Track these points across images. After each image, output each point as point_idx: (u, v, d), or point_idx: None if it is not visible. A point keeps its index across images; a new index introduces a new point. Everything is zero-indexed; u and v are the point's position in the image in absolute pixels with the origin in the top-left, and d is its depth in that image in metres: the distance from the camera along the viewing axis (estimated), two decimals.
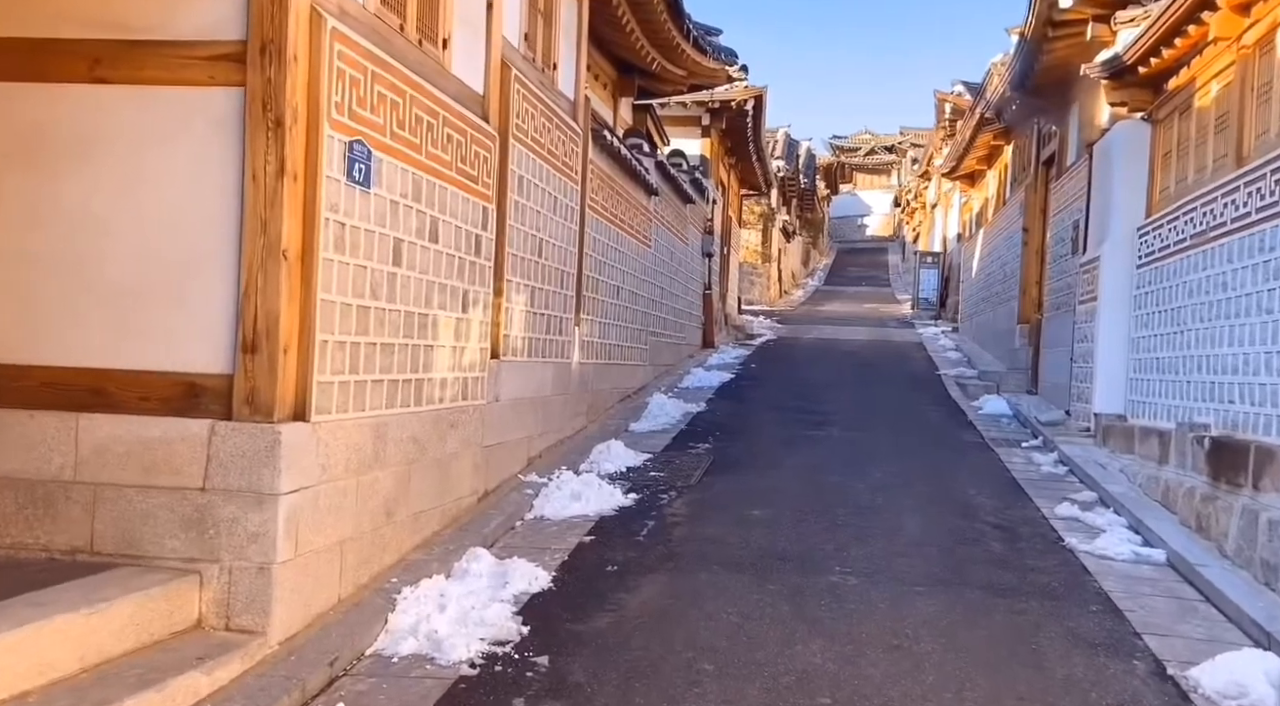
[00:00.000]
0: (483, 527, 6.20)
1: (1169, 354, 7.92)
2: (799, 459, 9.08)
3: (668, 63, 13.69)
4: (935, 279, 29.42)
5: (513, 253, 7.28)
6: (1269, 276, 6.05)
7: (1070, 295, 11.45)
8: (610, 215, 10.44)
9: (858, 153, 71.71)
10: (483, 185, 6.52)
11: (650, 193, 12.42)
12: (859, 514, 7.13)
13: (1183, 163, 8.43)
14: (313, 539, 4.49)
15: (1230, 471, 6.13)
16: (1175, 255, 7.93)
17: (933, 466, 8.95)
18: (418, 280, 5.58)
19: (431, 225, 5.74)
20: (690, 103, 18.07)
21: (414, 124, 5.45)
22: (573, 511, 6.91)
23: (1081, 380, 9.99)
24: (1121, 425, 8.88)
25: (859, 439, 10.15)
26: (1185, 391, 7.46)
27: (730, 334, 20.35)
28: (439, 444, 5.97)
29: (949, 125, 28.01)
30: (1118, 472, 8.17)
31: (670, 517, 6.95)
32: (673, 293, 14.46)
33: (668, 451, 9.24)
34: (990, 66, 15.51)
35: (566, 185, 8.56)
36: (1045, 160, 14.49)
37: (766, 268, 32.97)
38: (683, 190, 14.68)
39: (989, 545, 6.45)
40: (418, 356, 5.62)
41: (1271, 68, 6.67)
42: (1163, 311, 8.17)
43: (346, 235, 4.77)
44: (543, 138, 7.83)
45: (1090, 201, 10.46)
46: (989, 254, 19.19)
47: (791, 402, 12.43)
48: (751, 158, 22.00)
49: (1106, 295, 9.39)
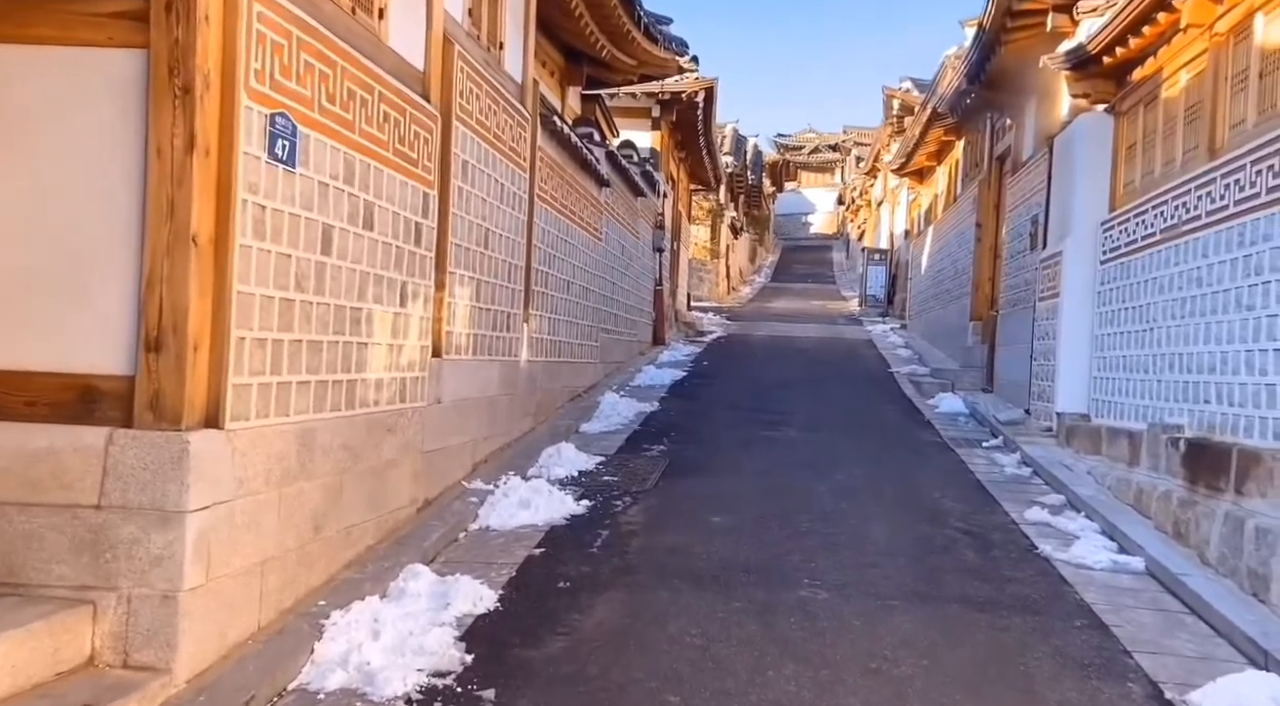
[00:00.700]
0: (423, 541, 5.72)
1: (1137, 352, 7.69)
2: (758, 461, 8.71)
3: (618, 51, 13.26)
4: (883, 276, 29.38)
5: (456, 243, 6.79)
6: (1249, 271, 5.80)
7: (1028, 291, 11.26)
8: (560, 206, 9.98)
9: (802, 151, 72.31)
10: (423, 169, 6.03)
11: (601, 184, 11.97)
12: (824, 520, 6.77)
13: (1149, 155, 8.22)
14: (227, 560, 3.98)
15: (1209, 475, 5.87)
16: (1143, 250, 7.70)
17: (895, 468, 8.64)
18: (350, 271, 5.08)
19: (366, 210, 5.24)
20: (640, 94, 17.66)
21: (346, 98, 4.95)
22: (521, 521, 6.45)
23: (1042, 378, 9.76)
24: (1086, 425, 8.66)
25: (817, 440, 9.82)
26: (1156, 391, 7.23)
27: (681, 331, 19.98)
28: (374, 450, 5.48)
29: (897, 121, 27.99)
30: (1085, 474, 7.93)
31: (626, 526, 6.52)
32: (624, 288, 14.03)
33: (621, 454, 8.81)
34: (944, 59, 15.32)
35: (514, 172, 8.08)
36: (999, 155, 14.32)
37: (715, 264, 32.68)
38: (634, 182, 14.25)
39: (961, 553, 6.13)
40: (350, 355, 5.12)
41: (1248, 55, 6.44)
42: (1129, 308, 7.95)
43: (268, 219, 4.26)
44: (489, 120, 7.35)
45: (1050, 196, 10.24)
46: (939, 250, 19.07)
47: (746, 401, 12.08)
48: (702, 152, 21.63)
49: (1069, 291, 9.16)
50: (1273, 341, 5.46)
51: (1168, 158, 7.77)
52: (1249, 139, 6.15)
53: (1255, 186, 5.79)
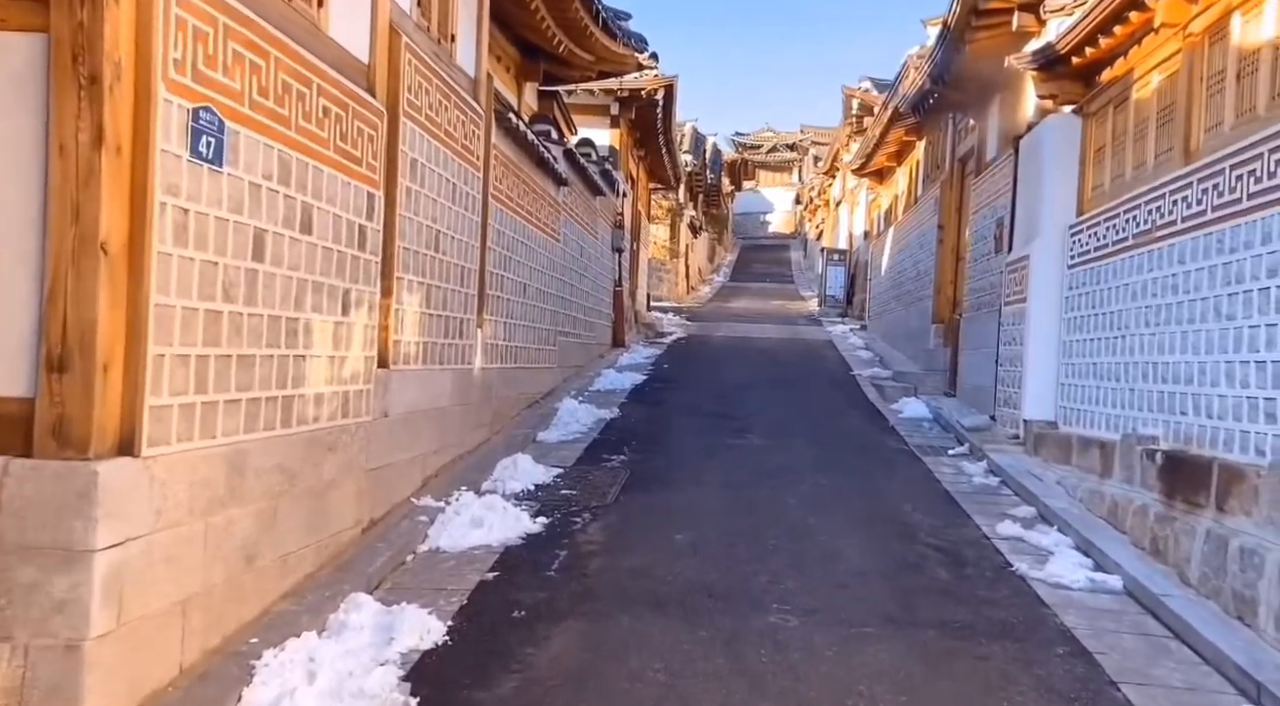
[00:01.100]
0: (366, 566, 5.34)
1: (1109, 359, 7.51)
2: (722, 471, 8.42)
3: (575, 46, 12.90)
4: (842, 276, 29.30)
5: (404, 246, 6.42)
6: (1229, 279, 5.61)
7: (993, 295, 11.09)
8: (516, 206, 9.61)
9: (760, 150, 72.39)
10: (368, 168, 5.66)
11: (559, 183, 11.61)
12: (792, 536, 6.49)
13: (1119, 158, 8.05)
14: (144, 601, 3.60)
15: (1188, 490, 5.68)
16: (1115, 255, 7.52)
17: (861, 478, 8.40)
18: (286, 279, 4.70)
19: (304, 213, 4.86)
20: (598, 91, 17.30)
21: (281, 92, 4.57)
22: (473, 541, 6.10)
23: (1008, 384, 9.59)
24: (1054, 433, 8.48)
25: (782, 447, 9.56)
26: (1128, 400, 7.04)
27: (640, 332, 19.67)
28: (314, 471, 5.10)
29: (856, 121, 27.88)
30: (1055, 485, 7.74)
31: (585, 546, 6.19)
32: (582, 290, 13.68)
33: (580, 465, 8.48)
34: (906, 59, 15.15)
35: (467, 171, 7.71)
36: (961, 156, 14.18)
37: (675, 263, 32.41)
38: (592, 181, 13.90)
39: (934, 572, 5.88)
40: (286, 369, 4.74)
41: (1224, 56, 6.26)
42: (1100, 314, 7.77)
43: (191, 224, 3.88)
44: (439, 117, 6.97)
45: (1016, 198, 10.07)
46: (899, 252, 18.95)
47: (708, 406, 11.80)
48: (661, 150, 21.33)
49: (1036, 296, 8.98)
50: (1255, 353, 5.26)
51: (1139, 161, 7.59)
52: (1227, 142, 5.96)
53: (1235, 192, 5.60)
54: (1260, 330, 5.22)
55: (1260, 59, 5.77)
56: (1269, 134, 5.26)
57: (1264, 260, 5.22)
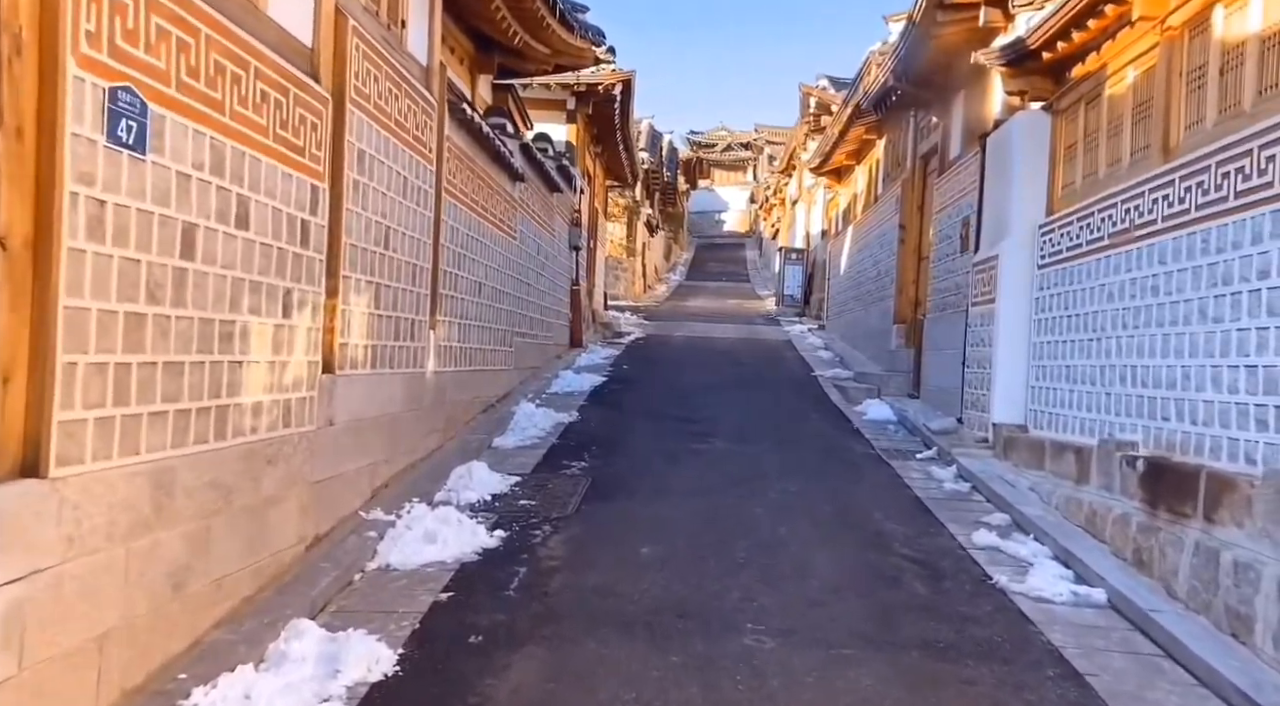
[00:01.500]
0: (310, 587, 4.95)
1: (1082, 362, 7.32)
2: (686, 478, 8.12)
3: (531, 38, 12.51)
4: (800, 276, 29.18)
5: (352, 243, 6.02)
6: (1215, 281, 5.42)
7: (958, 295, 10.92)
8: (471, 202, 9.22)
9: (715, 149, 72.48)
10: (311, 158, 5.26)
11: (515, 178, 11.23)
12: (762, 549, 6.20)
13: (1091, 156, 7.87)
14: (52, 640, 3.20)
15: (1173, 499, 5.48)
16: (1089, 255, 7.34)
17: (830, 484, 8.15)
18: (219, 278, 4.30)
19: (240, 206, 4.46)
20: (555, 85, 16.90)
21: (213, 74, 4.17)
22: (426, 557, 5.73)
23: (976, 387, 9.40)
24: (1025, 437, 8.29)
25: (746, 452, 9.28)
26: (1104, 404, 6.86)
27: (598, 332, 19.32)
28: (252, 486, 4.70)
29: (814, 119, 27.81)
30: (1028, 491, 7.55)
31: (546, 561, 5.85)
32: (539, 289, 13.30)
33: (539, 472, 8.12)
34: (868, 55, 14.98)
35: (419, 164, 7.32)
36: (923, 154, 14.03)
37: (631, 262, 32.09)
38: (549, 177, 13.53)
39: (912, 586, 5.62)
40: (220, 377, 4.34)
41: (1206, 50, 6.08)
42: (1074, 315, 7.58)
43: (109, 217, 3.48)
44: (389, 106, 6.58)
45: (983, 197, 9.89)
46: (859, 251, 18.81)
47: (670, 409, 11.49)
48: (618, 147, 20.99)
49: (1006, 297, 8.80)
50: (1244, 357, 5.07)
51: (1113, 158, 7.42)
52: (1210, 139, 5.78)
53: (1221, 190, 5.41)
54: (1250, 334, 5.03)
55: (1245, 53, 5.59)
56: (1258, 130, 5.07)
57: (1254, 261, 5.02)
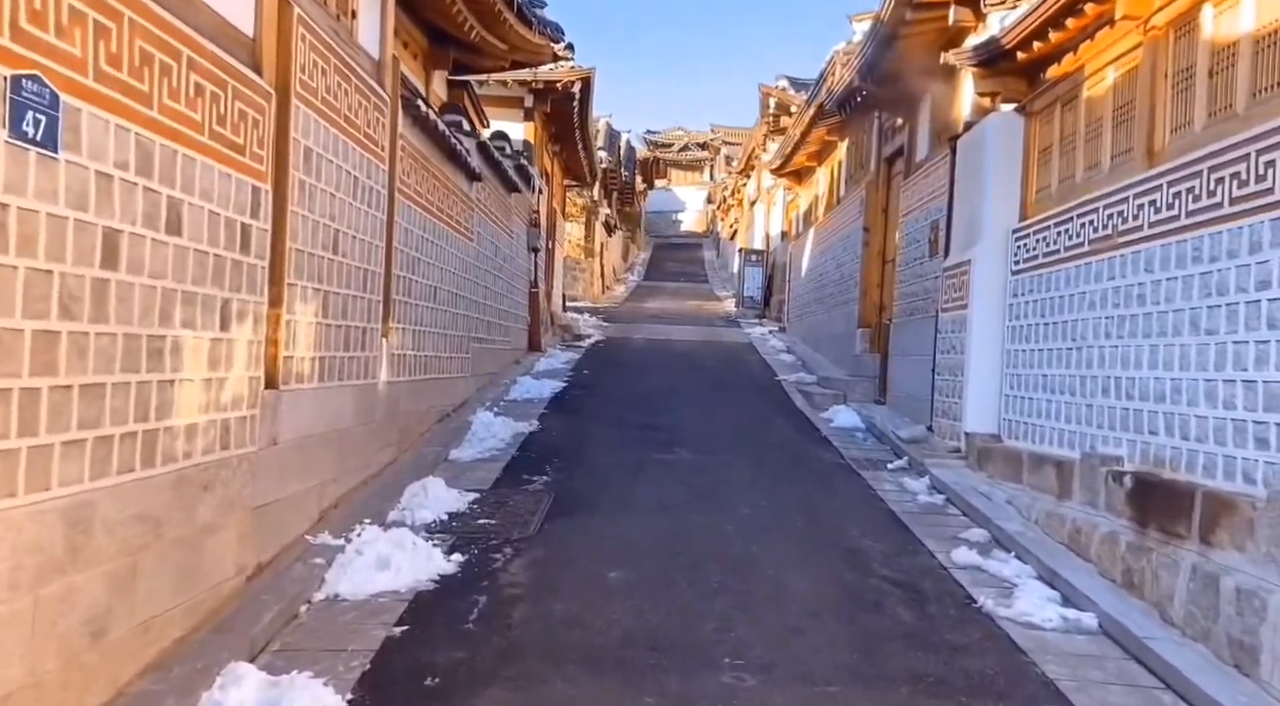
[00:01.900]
0: (250, 625, 4.54)
1: (1061, 372, 7.11)
2: (653, 493, 7.78)
3: (488, 33, 12.10)
4: (760, 277, 28.98)
5: (297, 248, 5.60)
6: (1209, 291, 5.20)
7: (926, 301, 10.71)
8: (426, 202, 8.81)
9: (671, 148, 72.38)
10: (252, 157, 4.85)
11: (472, 178, 10.82)
12: (736, 571, 5.89)
13: (1068, 159, 7.67)
14: None
15: (1164, 518, 5.26)
16: (1068, 261, 7.13)
17: (801, 497, 7.86)
18: (147, 289, 3.89)
19: (171, 210, 4.05)
20: (512, 82, 16.48)
21: (138, 63, 3.76)
22: (378, 586, 5.33)
23: (947, 394, 9.18)
24: (999, 447, 8.08)
25: (714, 463, 8.97)
26: (1086, 415, 6.64)
27: (557, 335, 18.92)
28: (185, 516, 4.28)
29: (773, 120, 27.62)
30: (1006, 505, 7.32)
31: (507, 589, 5.48)
32: (497, 292, 12.89)
33: (499, 488, 7.74)
34: (832, 55, 14.76)
35: (370, 164, 6.90)
36: (888, 157, 13.83)
37: (590, 263, 31.70)
38: (507, 177, 13.13)
39: (895, 612, 5.34)
40: (148, 399, 3.92)
41: (1194, 50, 5.87)
42: (1051, 323, 7.37)
43: (12, 223, 3.07)
44: (338, 101, 6.17)
45: (953, 200, 9.68)
46: (821, 253, 18.61)
47: (632, 417, 11.15)
48: (577, 146, 20.60)
49: (978, 303, 8.58)
50: (1242, 372, 4.85)
51: (1092, 162, 7.21)
52: (1199, 143, 5.57)
53: (1215, 196, 5.19)
54: (1248, 347, 4.81)
55: (1237, 54, 5.38)
56: (1256, 134, 4.85)
57: (1253, 271, 4.80)
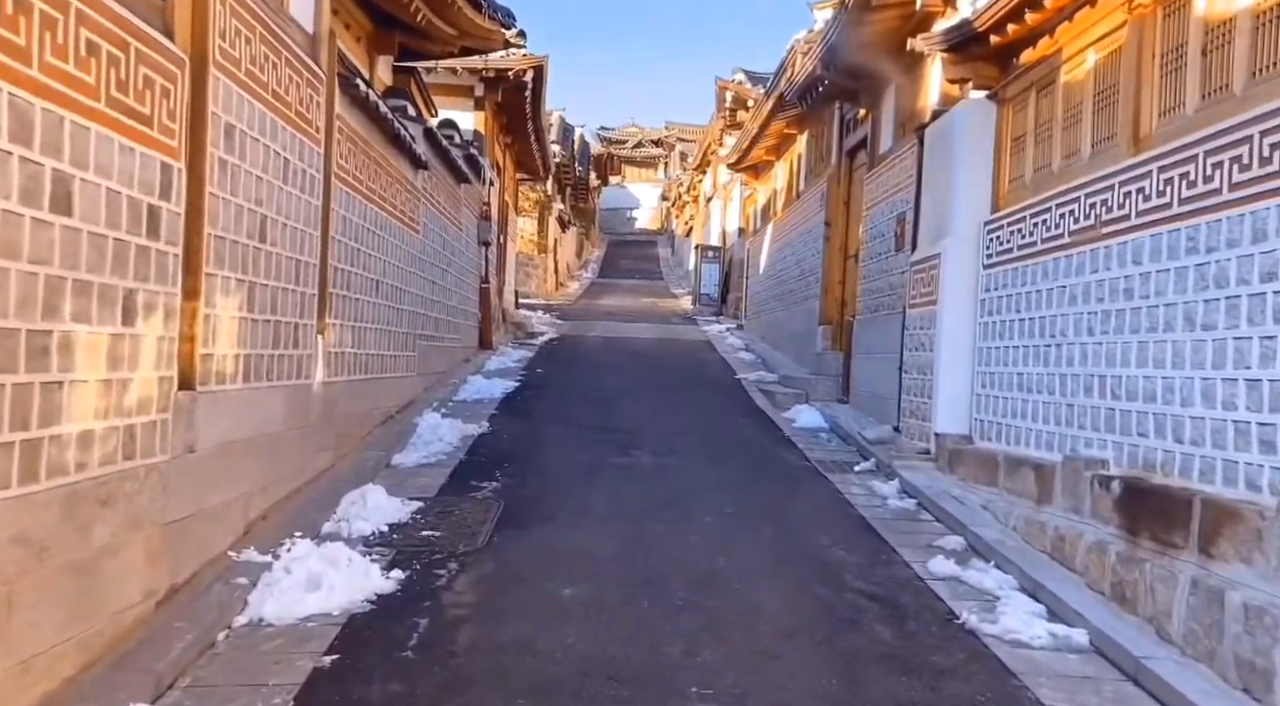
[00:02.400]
0: (157, 657, 4.01)
1: (1039, 369, 6.78)
2: (610, 499, 7.32)
3: (436, 17, 11.56)
4: (717, 274, 28.64)
5: (218, 234, 5.06)
6: (1207, 283, 4.87)
7: (892, 297, 10.38)
8: (367, 190, 8.26)
9: (625, 145, 72.17)
10: (162, 130, 4.31)
11: (418, 166, 10.27)
12: (702, 586, 5.45)
13: (1044, 147, 7.35)
14: None
15: (1158, 527, 4.92)
16: (1045, 254, 6.80)
17: (767, 503, 7.46)
18: (26, 277, 3.35)
19: (58, 186, 3.51)
20: (462, 70, 15.91)
21: (12, 13, 3.23)
22: (309, 608, 4.82)
23: (915, 394, 8.84)
24: (972, 449, 7.74)
25: (674, 466, 8.54)
26: (1066, 416, 6.31)
27: (509, 332, 18.38)
28: (78, 536, 3.74)
29: (730, 114, 27.32)
30: (981, 510, 6.98)
31: (452, 610, 4.99)
32: (446, 287, 12.34)
33: (444, 495, 7.22)
34: (792, 44, 14.40)
35: (303, 145, 6.36)
36: (850, 149, 13.51)
37: (543, 259, 31.13)
38: (456, 166, 12.58)
39: (874, 630, 4.94)
40: (28, 404, 3.39)
41: (1184, 29, 5.55)
42: (1027, 319, 7.04)
43: None
44: (266, 75, 5.62)
45: (921, 192, 9.35)
46: (780, 249, 18.28)
47: (588, 417, 10.68)
48: (530, 138, 20.04)
49: (949, 299, 8.24)
50: (1245, 370, 4.52)
51: (1070, 149, 6.89)
52: (1192, 127, 5.24)
53: (1213, 182, 4.86)
54: (1252, 343, 4.48)
55: (1234, 30, 5.05)
56: (1259, 114, 4.52)
57: (1257, 261, 4.47)
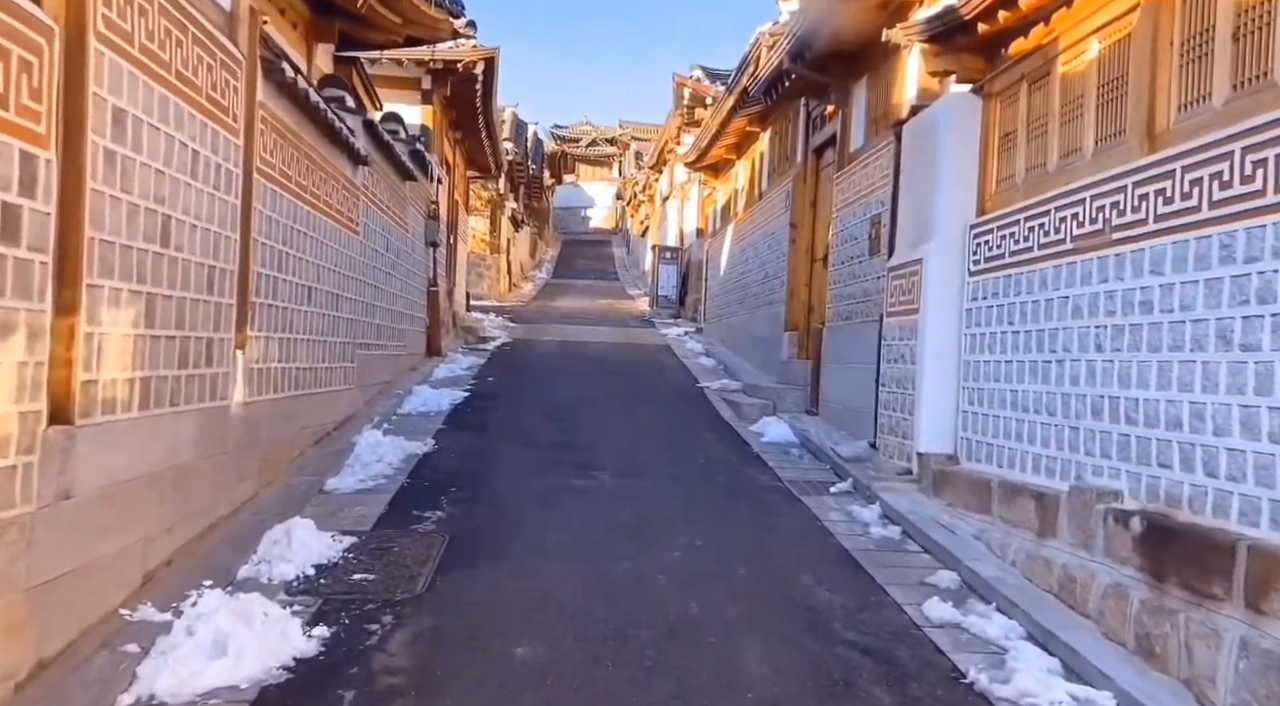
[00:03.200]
0: None
1: (1037, 387, 6.21)
2: (569, 531, 6.61)
3: (379, 3, 10.83)
4: (674, 276, 28.00)
5: (104, 239, 4.28)
6: (1247, 297, 4.30)
7: (866, 304, 9.80)
8: (297, 187, 7.47)
9: (579, 143, 71.69)
10: (22, 112, 3.54)
11: (357, 161, 9.47)
12: (673, 641, 4.77)
13: (1037, 145, 6.78)
14: None
15: (1192, 575, 4.34)
16: (1044, 261, 6.23)
17: (740, 533, 6.80)
18: None
19: None
20: (408, 61, 15.10)
21: None
22: (211, 680, 4.07)
23: (894, 409, 8.25)
24: (960, 472, 7.16)
25: (638, 490, 7.85)
26: (1070, 440, 5.74)
27: (460, 337, 17.56)
28: None
29: (687, 112, 26.72)
30: (974, 541, 6.38)
31: (383, 678, 4.25)
32: (390, 291, 11.54)
33: (382, 528, 6.46)
34: (756, 37, 13.78)
35: (217, 136, 5.58)
36: (817, 147, 12.92)
37: (496, 259, 30.26)
38: (401, 163, 11.78)
39: (872, 694, 4.30)
40: None
41: (1210, 11, 4.97)
42: (1023, 332, 6.47)
43: None
44: (169, 53, 4.84)
45: (898, 193, 8.76)
46: (742, 251, 17.68)
47: (543, 432, 9.96)
48: (481, 133, 19.23)
49: (932, 308, 7.66)
50: None
51: (1070, 147, 6.32)
52: (1222, 121, 4.67)
53: (1254, 182, 4.28)
54: None
55: (1275, 11, 4.48)
56: None
57: None
